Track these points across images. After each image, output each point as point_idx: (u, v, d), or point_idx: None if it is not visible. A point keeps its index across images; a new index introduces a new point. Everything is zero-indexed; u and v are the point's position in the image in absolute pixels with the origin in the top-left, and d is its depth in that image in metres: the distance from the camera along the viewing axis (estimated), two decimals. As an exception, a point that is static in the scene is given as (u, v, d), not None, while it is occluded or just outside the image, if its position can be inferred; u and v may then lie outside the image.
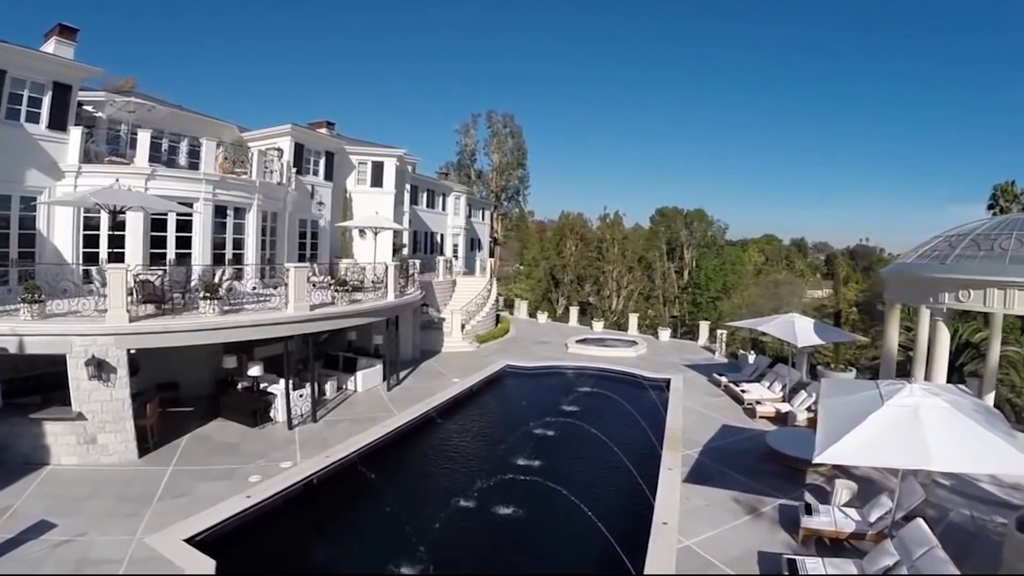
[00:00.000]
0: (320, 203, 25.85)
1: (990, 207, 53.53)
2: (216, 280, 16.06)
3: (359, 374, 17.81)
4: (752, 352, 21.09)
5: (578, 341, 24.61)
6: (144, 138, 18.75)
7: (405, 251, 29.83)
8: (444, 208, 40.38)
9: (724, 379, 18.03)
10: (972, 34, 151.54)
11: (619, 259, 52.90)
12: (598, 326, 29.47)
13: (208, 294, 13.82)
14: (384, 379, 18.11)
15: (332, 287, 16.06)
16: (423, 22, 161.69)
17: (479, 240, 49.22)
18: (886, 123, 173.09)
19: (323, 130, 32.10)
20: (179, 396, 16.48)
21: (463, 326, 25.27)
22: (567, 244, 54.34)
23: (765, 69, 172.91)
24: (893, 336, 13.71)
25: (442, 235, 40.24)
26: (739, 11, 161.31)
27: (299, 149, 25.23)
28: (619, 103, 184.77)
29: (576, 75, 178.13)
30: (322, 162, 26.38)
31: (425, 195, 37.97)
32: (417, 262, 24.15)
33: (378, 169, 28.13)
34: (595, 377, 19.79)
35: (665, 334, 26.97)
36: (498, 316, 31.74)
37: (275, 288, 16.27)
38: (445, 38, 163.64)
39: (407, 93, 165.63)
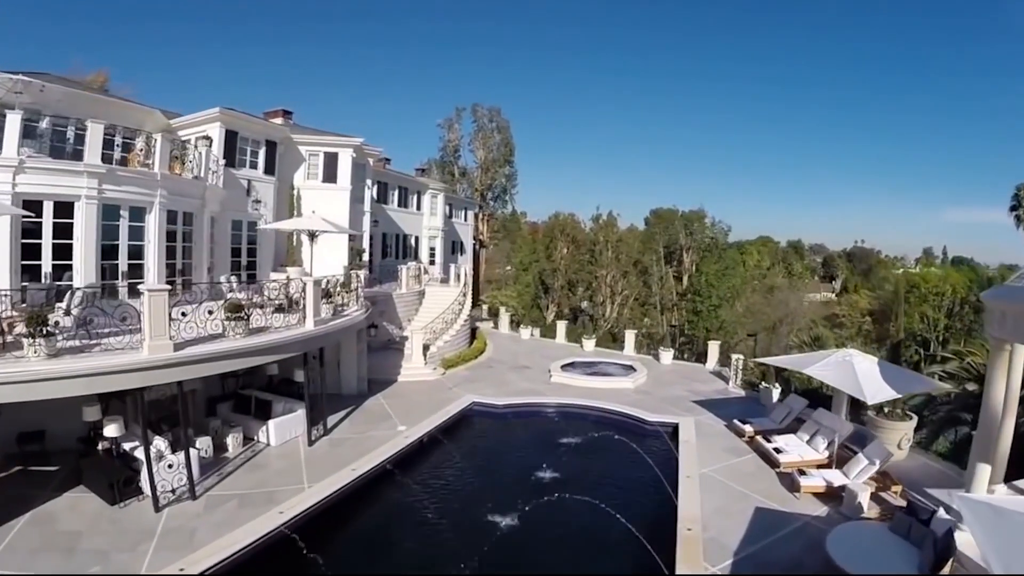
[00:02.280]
0: (257, 201, 21.66)
1: (1012, 208, 49.61)
2: (66, 304, 11.98)
3: (271, 424, 13.69)
4: (776, 385, 17.01)
5: (564, 367, 20.47)
6: (14, 121, 14.71)
7: (366, 256, 25.68)
8: (419, 207, 36.23)
9: (748, 428, 13.94)
10: (970, 38, 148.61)
11: (613, 263, 48.95)
12: (589, 345, 25.35)
13: (32, 330, 9.76)
14: (307, 428, 13.94)
15: (224, 312, 11.86)
16: (407, 17, 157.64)
17: (461, 243, 45.13)
18: (881, 124, 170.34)
19: (278, 120, 27.98)
20: (45, 450, 12.61)
21: (426, 348, 21.12)
22: (558, 247, 50.32)
23: (760, 70, 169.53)
24: (999, 386, 9.62)
25: (416, 237, 36.10)
26: (735, 11, 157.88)
27: (231, 137, 21.09)
28: (613, 103, 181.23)
29: (570, 74, 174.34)
30: (261, 153, 22.20)
31: (396, 192, 33.81)
32: (363, 273, 20.07)
33: (331, 161, 23.96)
34: (582, 421, 15.66)
35: (667, 356, 22.85)
36: (474, 331, 27.62)
37: (191, 306, 12.18)
38: (429, 32, 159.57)
39: (391, 92, 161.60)
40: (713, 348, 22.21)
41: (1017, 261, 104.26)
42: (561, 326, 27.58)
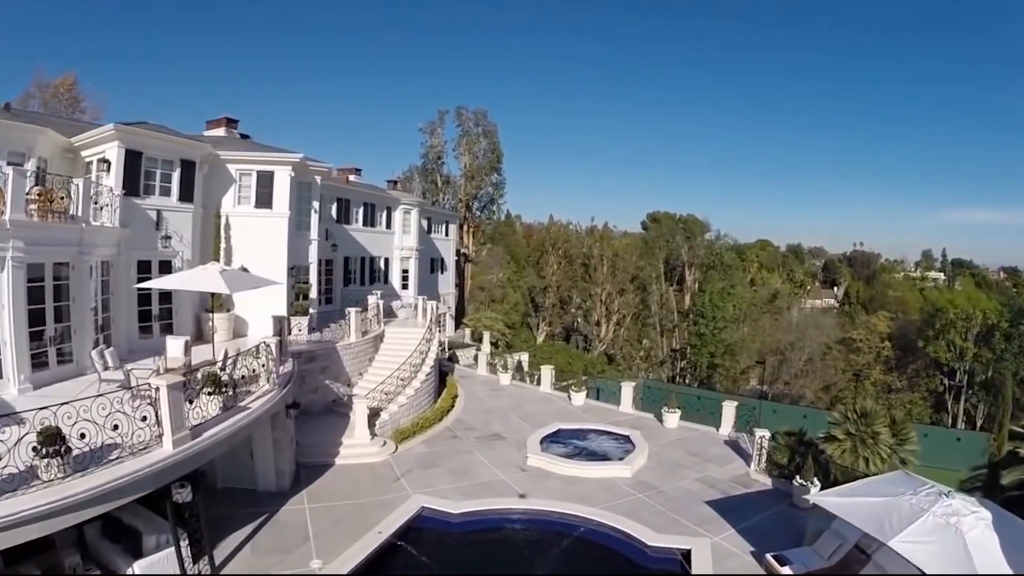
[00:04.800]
0: (166, 237, 17.69)
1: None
2: None
3: (138, 567, 9.81)
4: (816, 481, 13.14)
5: (545, 440, 16.62)
6: None
7: (313, 293, 21.75)
8: (389, 225, 32.27)
9: (787, 572, 10.09)
10: (965, 37, 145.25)
11: (608, 278, 45.13)
12: (578, 398, 21.40)
13: None
14: (183, 565, 10.05)
15: (39, 447, 7.86)
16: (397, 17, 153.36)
17: (442, 260, 41.16)
18: (877, 126, 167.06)
19: (220, 130, 24.10)
20: None
21: (377, 414, 17.24)
22: (549, 261, 46.39)
23: (756, 71, 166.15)
24: None
25: (386, 259, 32.14)
26: (732, 11, 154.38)
27: (134, 159, 17.15)
28: (609, 104, 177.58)
29: (565, 71, 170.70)
30: (175, 176, 18.22)
31: (361, 210, 29.88)
32: (304, 320, 16.14)
33: (266, 182, 19.99)
34: (561, 543, 11.75)
35: (672, 418, 18.89)
36: (443, 375, 23.70)
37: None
38: (416, 33, 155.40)
39: (370, 93, 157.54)
40: (728, 410, 18.27)
41: (1016, 263, 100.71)
42: (547, 372, 23.64)
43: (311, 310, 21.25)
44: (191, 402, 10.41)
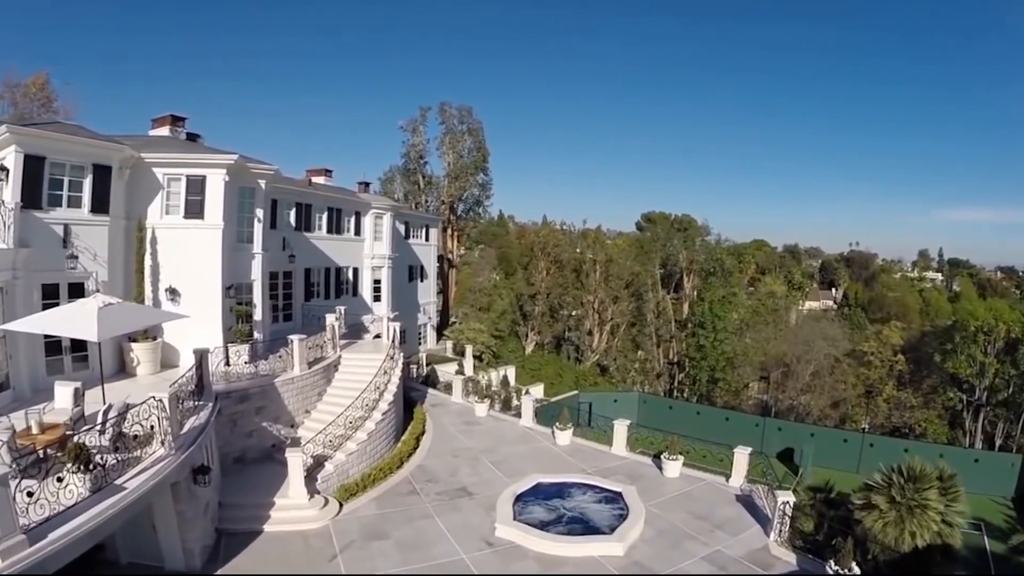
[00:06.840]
0: (73, 256, 14.79)
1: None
2: None
3: None
4: (854, 566, 10.44)
5: (520, 501, 13.84)
6: None
7: (258, 315, 18.89)
8: (358, 232, 29.38)
9: None
10: (962, 35, 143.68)
11: (601, 285, 42.38)
12: (564, 437, 18.54)
13: None
14: None
15: None
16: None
17: (421, 267, 38.27)
18: (871, 124, 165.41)
19: (163, 129, 21.18)
20: None
21: (319, 466, 14.44)
22: (539, 267, 43.55)
23: (751, 70, 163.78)
24: None
25: (355, 269, 29.26)
26: (729, 11, 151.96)
27: (35, 165, 14.32)
28: (602, 105, 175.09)
29: (558, 67, 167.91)
30: (87, 183, 15.36)
31: (324, 216, 26.99)
32: (244, 348, 13.28)
33: (196, 188, 17.11)
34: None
35: (673, 467, 16.06)
36: (412, 404, 20.93)
37: None
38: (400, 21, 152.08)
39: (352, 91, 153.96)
40: (741, 459, 15.51)
41: (1014, 263, 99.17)
42: (528, 403, 20.81)
43: (256, 334, 18.46)
44: (31, 495, 7.66)
